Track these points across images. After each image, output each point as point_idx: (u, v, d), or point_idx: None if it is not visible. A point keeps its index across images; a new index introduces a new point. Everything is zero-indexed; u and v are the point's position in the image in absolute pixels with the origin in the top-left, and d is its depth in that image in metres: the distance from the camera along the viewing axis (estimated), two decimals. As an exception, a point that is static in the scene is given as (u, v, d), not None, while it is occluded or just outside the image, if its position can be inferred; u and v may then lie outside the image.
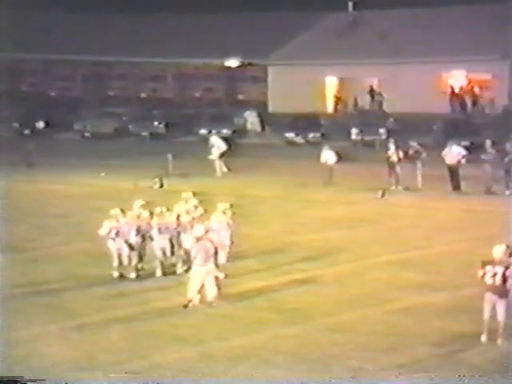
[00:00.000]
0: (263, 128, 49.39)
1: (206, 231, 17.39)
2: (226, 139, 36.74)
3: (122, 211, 19.60)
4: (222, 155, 35.18)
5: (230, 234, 20.07)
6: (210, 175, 33.63)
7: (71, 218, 26.19)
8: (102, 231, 19.44)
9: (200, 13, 56.57)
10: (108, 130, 48.85)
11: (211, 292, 16.96)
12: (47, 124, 50.23)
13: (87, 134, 49.15)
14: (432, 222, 25.21)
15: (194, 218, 19.66)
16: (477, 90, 49.47)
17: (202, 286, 16.92)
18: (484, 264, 15.07)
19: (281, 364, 14.22)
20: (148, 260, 19.64)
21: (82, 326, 16.20)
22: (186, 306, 16.82)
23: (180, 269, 19.26)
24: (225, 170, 34.95)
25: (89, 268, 20.03)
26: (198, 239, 17.13)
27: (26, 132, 49.00)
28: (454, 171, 30.39)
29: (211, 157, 35.21)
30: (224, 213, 20.14)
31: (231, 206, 20.47)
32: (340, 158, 32.32)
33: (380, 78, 50.65)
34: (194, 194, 21.42)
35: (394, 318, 16.55)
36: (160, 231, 19.26)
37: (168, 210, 19.76)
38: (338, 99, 51.78)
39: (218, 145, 35.64)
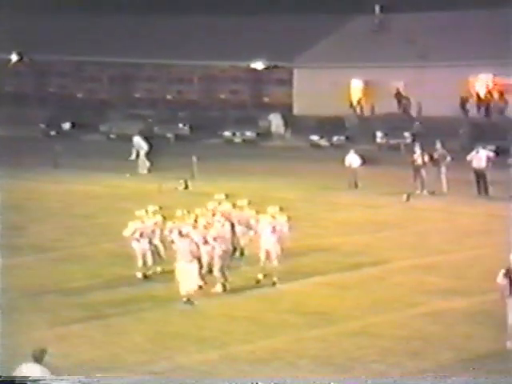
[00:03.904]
0: (285, 130, 49.36)
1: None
2: (147, 139, 36.91)
3: (147, 212, 19.67)
4: (140, 155, 35.44)
5: (278, 238, 18.81)
6: (234, 177, 33.64)
7: (97, 218, 26.30)
8: (127, 232, 19.53)
9: (226, 15, 56.61)
10: (133, 132, 48.92)
11: (186, 287, 17.40)
12: (73, 125, 50.44)
13: (113, 136, 49.31)
14: (457, 227, 25.09)
15: (208, 223, 19.03)
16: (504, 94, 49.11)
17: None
18: (509, 272, 14.95)
19: (304, 367, 14.22)
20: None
21: (107, 326, 16.28)
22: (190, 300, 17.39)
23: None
24: (147, 165, 35.03)
25: (114, 268, 20.11)
26: (183, 236, 17.91)
27: (53, 133, 49.20)
28: (480, 175, 30.19)
29: (131, 158, 35.44)
30: (273, 216, 19.00)
31: (281, 209, 19.50)
32: (364, 161, 32.19)
33: (406, 82, 50.45)
34: (227, 196, 21.29)
35: (418, 322, 16.49)
36: (181, 234, 19.14)
37: (188, 212, 19.56)
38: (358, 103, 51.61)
39: (139, 145, 35.64)
